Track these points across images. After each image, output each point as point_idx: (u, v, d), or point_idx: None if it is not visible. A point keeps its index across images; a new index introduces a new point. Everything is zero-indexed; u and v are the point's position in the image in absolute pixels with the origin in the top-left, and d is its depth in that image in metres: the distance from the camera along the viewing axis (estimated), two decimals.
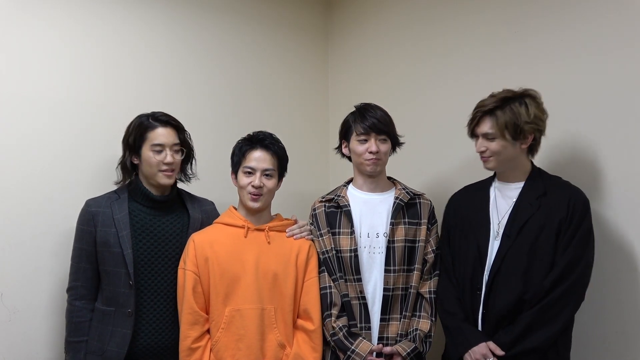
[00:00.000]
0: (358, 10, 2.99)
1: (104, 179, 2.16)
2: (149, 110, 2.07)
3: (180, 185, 2.17)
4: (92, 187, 2.16)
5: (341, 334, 1.95)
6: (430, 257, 2.04)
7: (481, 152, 1.92)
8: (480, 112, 1.89)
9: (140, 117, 2.04)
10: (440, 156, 2.54)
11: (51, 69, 2.22)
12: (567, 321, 1.79)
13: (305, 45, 3.05)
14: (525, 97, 1.85)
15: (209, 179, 2.32)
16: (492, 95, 1.89)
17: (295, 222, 2.12)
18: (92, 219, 1.97)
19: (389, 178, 2.16)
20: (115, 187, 2.08)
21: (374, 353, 1.95)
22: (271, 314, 1.93)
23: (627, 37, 1.96)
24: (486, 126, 1.87)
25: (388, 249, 2.00)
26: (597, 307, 1.97)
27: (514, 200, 1.90)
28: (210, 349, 1.91)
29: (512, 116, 1.82)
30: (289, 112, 2.95)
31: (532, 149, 1.94)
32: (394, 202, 2.04)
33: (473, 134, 1.94)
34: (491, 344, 1.81)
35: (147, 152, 1.99)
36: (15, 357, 2.08)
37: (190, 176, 2.16)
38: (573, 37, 2.09)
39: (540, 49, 2.19)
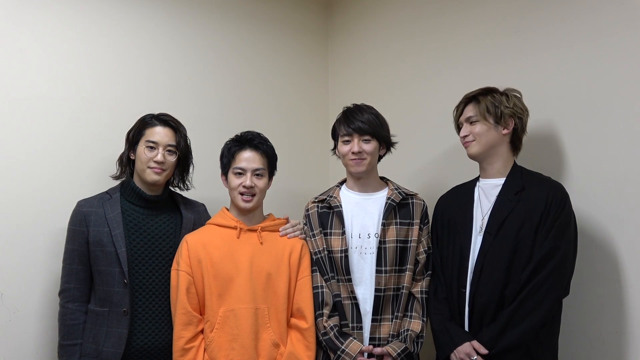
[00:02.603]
0: (358, 10, 3.00)
1: (104, 179, 2.17)
2: (149, 111, 2.09)
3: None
4: (92, 188, 2.17)
5: (332, 333, 1.96)
6: (422, 257, 2.04)
7: (464, 137, 1.97)
8: (464, 100, 1.99)
9: (146, 115, 2.08)
10: (440, 155, 2.54)
11: (51, 70, 2.23)
12: (547, 313, 1.78)
13: (305, 45, 3.06)
14: (507, 92, 1.96)
15: (209, 178, 2.32)
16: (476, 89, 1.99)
17: (287, 221, 2.13)
18: (84, 219, 1.98)
19: (382, 178, 2.16)
20: (111, 182, 2.09)
21: (365, 354, 1.95)
22: (265, 313, 1.94)
23: (617, 37, 1.96)
24: (469, 111, 1.97)
25: (379, 249, 2.00)
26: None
27: (495, 197, 1.92)
28: (205, 349, 1.91)
29: (494, 101, 1.92)
30: (289, 112, 2.96)
31: (515, 144, 1.97)
32: (386, 203, 2.04)
33: (458, 124, 2.02)
34: (475, 343, 1.82)
35: (140, 147, 2.02)
36: (15, 357, 2.09)
37: (188, 184, 2.17)
38: (566, 37, 2.10)
39: (539, 50, 2.18)
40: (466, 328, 1.90)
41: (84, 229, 1.97)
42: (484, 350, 1.80)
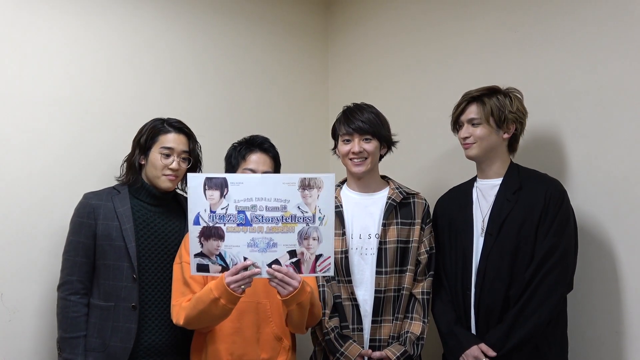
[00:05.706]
0: (358, 10, 3.00)
1: (105, 178, 2.18)
2: (146, 111, 2.09)
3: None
4: (92, 187, 2.15)
5: (333, 335, 1.95)
6: (424, 257, 2.01)
7: (464, 139, 1.95)
8: (467, 99, 1.95)
9: (155, 120, 2.06)
10: (441, 155, 2.54)
11: (52, 68, 2.23)
12: (553, 310, 1.78)
13: (305, 45, 3.06)
14: (510, 93, 1.94)
15: None
16: (478, 88, 1.95)
17: None
18: (92, 212, 1.96)
19: (384, 177, 2.14)
20: (115, 182, 2.08)
21: (365, 358, 1.94)
22: (267, 307, 1.93)
23: (618, 35, 1.97)
24: (472, 112, 1.93)
25: (380, 250, 1.98)
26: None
27: (494, 197, 1.92)
28: (207, 342, 1.90)
29: (498, 104, 1.90)
30: (289, 113, 2.96)
31: (512, 146, 1.98)
32: (386, 202, 2.03)
33: (457, 123, 1.99)
34: (483, 346, 1.82)
35: (155, 154, 2.00)
36: (15, 357, 2.09)
37: None
38: (568, 34, 2.11)
39: (540, 47, 2.19)
40: (473, 330, 1.90)
41: (92, 221, 1.95)
42: (492, 353, 1.80)
